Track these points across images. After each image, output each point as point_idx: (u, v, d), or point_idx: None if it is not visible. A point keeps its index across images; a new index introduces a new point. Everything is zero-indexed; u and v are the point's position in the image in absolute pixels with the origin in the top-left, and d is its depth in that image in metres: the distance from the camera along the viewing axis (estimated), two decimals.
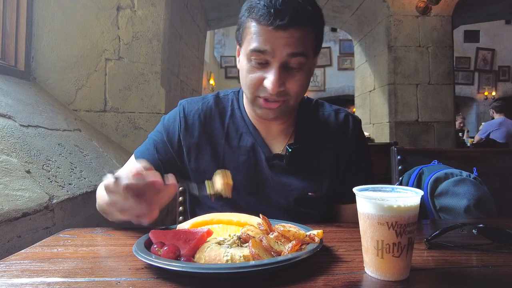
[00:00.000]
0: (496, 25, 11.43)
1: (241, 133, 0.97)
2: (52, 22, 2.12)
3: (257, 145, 0.96)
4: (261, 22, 0.79)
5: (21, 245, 0.98)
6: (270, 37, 0.80)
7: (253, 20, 0.82)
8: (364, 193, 0.58)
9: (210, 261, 0.57)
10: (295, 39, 0.80)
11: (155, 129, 1.02)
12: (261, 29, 0.80)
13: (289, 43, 0.79)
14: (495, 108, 5.43)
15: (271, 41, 0.80)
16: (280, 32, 0.79)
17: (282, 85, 0.83)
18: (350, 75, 9.52)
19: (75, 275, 0.56)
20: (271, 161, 0.95)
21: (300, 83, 0.86)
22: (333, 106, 1.06)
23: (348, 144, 1.00)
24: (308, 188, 0.95)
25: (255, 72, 0.84)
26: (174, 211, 1.24)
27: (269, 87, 0.82)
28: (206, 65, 8.06)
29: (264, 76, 0.83)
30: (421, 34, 4.07)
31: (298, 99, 0.90)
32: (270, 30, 0.79)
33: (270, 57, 0.81)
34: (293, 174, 0.95)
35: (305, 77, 0.86)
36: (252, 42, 0.82)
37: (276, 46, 0.80)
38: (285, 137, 0.99)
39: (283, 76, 0.82)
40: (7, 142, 1.23)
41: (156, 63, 2.39)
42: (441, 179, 1.16)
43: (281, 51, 0.80)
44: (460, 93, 11.44)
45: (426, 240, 0.70)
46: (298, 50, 0.81)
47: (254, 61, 0.83)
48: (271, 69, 0.82)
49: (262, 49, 0.80)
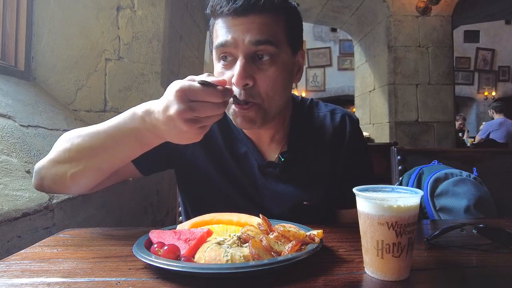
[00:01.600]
0: (496, 25, 11.42)
1: (234, 141, 0.93)
2: (52, 22, 2.12)
3: (249, 153, 0.92)
4: (220, 14, 0.77)
5: (21, 245, 0.98)
6: (230, 26, 0.76)
7: (214, 18, 0.81)
8: (364, 193, 0.58)
9: (210, 261, 0.57)
10: (257, 25, 0.75)
11: None
12: (221, 22, 0.78)
13: (250, 29, 0.75)
14: (495, 108, 5.43)
15: (231, 30, 0.76)
16: (239, 19, 0.75)
17: (249, 77, 0.75)
18: (350, 75, 9.52)
19: (75, 275, 0.56)
20: (264, 169, 0.91)
21: (272, 79, 0.77)
22: (329, 106, 1.00)
23: (346, 147, 0.94)
24: (303, 196, 0.90)
25: (224, 73, 0.79)
26: (174, 211, 1.24)
27: (234, 80, 0.74)
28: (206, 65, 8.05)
29: (232, 75, 0.77)
30: (421, 34, 4.08)
31: (273, 102, 0.80)
32: (229, 20, 0.76)
33: (233, 49, 0.76)
34: (287, 182, 0.91)
35: (278, 73, 0.78)
36: (216, 40, 0.79)
37: (237, 34, 0.75)
38: (278, 144, 0.94)
39: (249, 68, 0.76)
40: (7, 142, 1.23)
41: (156, 63, 2.39)
42: (441, 179, 1.16)
43: (242, 39, 0.75)
44: (460, 93, 11.43)
45: (426, 240, 0.70)
46: (262, 37, 0.75)
47: (221, 59, 0.79)
48: (237, 62, 0.76)
49: (223, 41, 0.76)
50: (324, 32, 11.53)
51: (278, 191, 0.91)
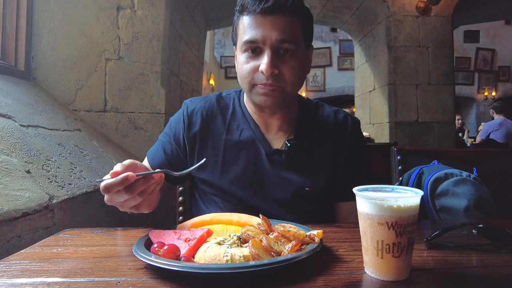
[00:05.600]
0: (496, 25, 11.43)
1: (242, 129, 1.01)
2: (52, 22, 2.12)
3: (257, 140, 1.00)
4: (250, 11, 0.88)
5: (21, 245, 0.98)
6: (260, 24, 0.87)
7: (243, 15, 0.90)
8: (364, 193, 0.58)
9: (210, 261, 0.57)
10: (282, 24, 0.87)
11: (164, 130, 1.08)
12: (251, 20, 0.88)
13: (277, 28, 0.86)
14: (495, 109, 5.43)
15: (261, 27, 0.87)
16: (267, 18, 0.86)
17: (275, 67, 0.87)
18: (350, 75, 9.53)
19: (75, 275, 0.56)
20: (270, 156, 0.98)
21: (294, 69, 0.90)
22: (332, 107, 1.10)
23: (347, 143, 1.03)
24: (306, 183, 0.97)
25: (250, 62, 0.90)
26: (174, 211, 1.24)
27: (264, 69, 0.86)
28: (206, 65, 8.06)
29: (258, 64, 0.89)
30: (421, 34, 4.07)
31: (294, 87, 0.93)
32: (258, 18, 0.87)
33: (262, 44, 0.88)
34: (291, 169, 0.98)
35: (298, 65, 0.91)
36: (245, 35, 0.89)
37: (266, 31, 0.86)
38: (285, 133, 1.02)
39: (275, 60, 0.88)
40: (7, 142, 1.23)
41: (156, 63, 2.39)
42: (441, 179, 1.16)
43: (270, 37, 0.86)
44: (460, 93, 11.44)
45: (426, 240, 0.70)
46: (286, 36, 0.87)
47: (248, 52, 0.90)
48: (264, 54, 0.88)
49: (253, 38, 0.87)
50: (324, 32, 11.54)
51: (282, 177, 0.98)
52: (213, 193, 1.00)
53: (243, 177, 0.97)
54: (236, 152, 0.99)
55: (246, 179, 0.97)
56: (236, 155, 0.99)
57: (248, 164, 0.98)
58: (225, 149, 0.99)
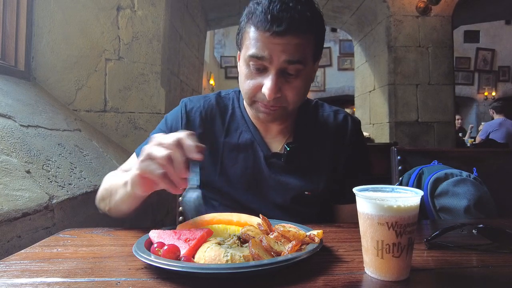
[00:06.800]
0: (496, 25, 11.43)
1: (241, 131, 0.99)
2: (52, 22, 2.12)
3: (256, 143, 0.98)
4: (259, 28, 0.80)
5: (21, 245, 0.98)
6: (268, 43, 0.80)
7: (251, 25, 0.83)
8: (364, 193, 0.58)
9: (210, 261, 0.57)
10: (292, 46, 0.80)
11: (157, 127, 1.04)
12: (259, 35, 0.81)
13: (286, 50, 0.80)
14: (495, 109, 5.42)
15: (269, 47, 0.80)
16: (277, 39, 0.79)
17: (278, 91, 0.83)
18: (350, 75, 9.52)
19: (75, 275, 0.56)
20: (269, 159, 0.97)
21: (297, 90, 0.86)
22: (332, 107, 1.07)
23: (347, 144, 1.01)
24: (305, 187, 0.96)
25: (253, 78, 0.85)
26: (174, 211, 1.24)
27: (266, 93, 0.82)
28: (206, 65, 8.06)
29: (262, 83, 0.84)
30: (421, 34, 4.07)
31: (295, 105, 0.90)
32: (267, 37, 0.79)
33: (268, 63, 0.82)
34: (290, 173, 0.96)
35: (303, 84, 0.87)
36: (251, 48, 0.83)
37: (274, 52, 0.80)
38: (284, 136, 1.00)
39: (279, 82, 0.83)
40: (7, 142, 1.23)
41: (156, 63, 2.39)
42: (441, 179, 1.16)
43: (278, 58, 0.80)
44: (460, 93, 11.43)
45: (426, 240, 0.70)
46: (295, 58, 0.81)
47: (252, 66, 0.84)
48: (269, 75, 0.83)
49: (260, 55, 0.81)
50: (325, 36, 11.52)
51: (281, 181, 0.96)
52: (211, 197, 0.98)
53: (241, 180, 0.96)
54: (235, 154, 0.97)
55: (245, 182, 0.96)
56: (234, 157, 0.97)
57: (246, 167, 0.96)
58: (223, 151, 0.98)
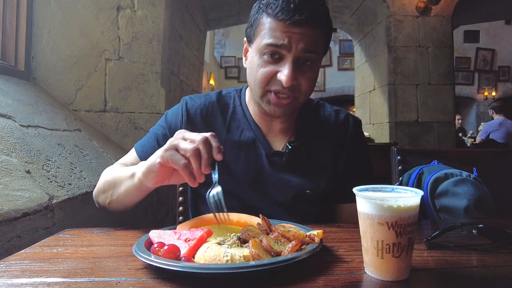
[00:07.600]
0: (496, 25, 11.43)
1: (242, 129, 0.99)
2: (52, 22, 2.12)
3: (257, 141, 0.98)
4: (279, 17, 0.82)
5: (21, 245, 0.98)
6: (287, 31, 0.82)
7: (269, 15, 0.84)
8: (364, 193, 0.58)
9: (210, 261, 0.57)
10: (309, 36, 0.83)
11: (157, 123, 1.04)
12: (278, 24, 0.83)
13: (304, 38, 0.83)
14: (495, 109, 5.43)
15: (288, 35, 0.82)
16: (296, 28, 0.82)
17: (295, 79, 0.85)
18: (350, 75, 9.52)
19: (75, 275, 0.56)
20: (271, 157, 0.97)
21: (311, 80, 0.89)
22: (333, 107, 1.09)
23: (348, 144, 1.02)
24: (306, 185, 0.96)
25: (268, 66, 0.86)
26: (174, 211, 1.24)
27: (284, 80, 0.83)
28: (206, 65, 8.06)
29: (277, 70, 0.85)
30: (421, 34, 4.07)
31: (306, 97, 0.92)
32: (287, 25, 0.82)
33: (286, 51, 0.84)
34: (292, 171, 0.97)
35: (314, 75, 0.90)
36: (268, 37, 0.84)
37: (293, 40, 0.82)
38: (286, 135, 1.01)
39: (296, 71, 0.85)
40: (7, 142, 1.23)
41: (156, 63, 2.39)
42: (441, 179, 1.16)
43: (296, 46, 0.83)
44: (460, 93, 11.43)
45: (426, 240, 0.70)
46: (311, 47, 0.84)
47: (268, 55, 0.85)
48: (286, 63, 0.84)
49: (279, 43, 0.83)
50: None
51: (283, 179, 0.96)
52: None
53: (243, 177, 0.96)
54: (236, 152, 0.98)
55: (246, 180, 0.96)
56: (236, 155, 0.97)
57: (248, 165, 0.97)
58: (225, 148, 0.98)
